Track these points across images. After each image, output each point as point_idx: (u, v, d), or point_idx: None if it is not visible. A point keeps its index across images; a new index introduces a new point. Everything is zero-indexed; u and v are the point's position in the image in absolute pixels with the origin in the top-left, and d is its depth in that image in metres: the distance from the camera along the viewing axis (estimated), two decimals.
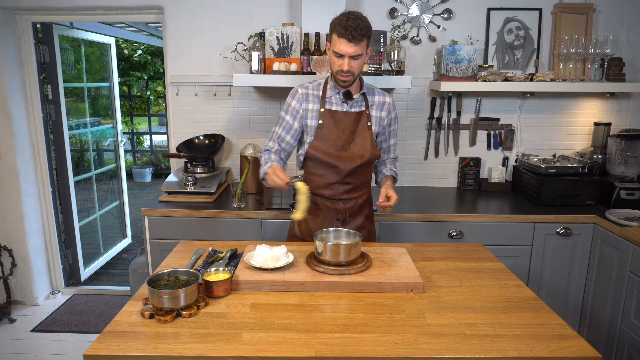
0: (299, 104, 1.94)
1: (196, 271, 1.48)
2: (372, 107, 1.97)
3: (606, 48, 2.63)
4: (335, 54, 1.79)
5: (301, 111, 1.94)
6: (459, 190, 2.98)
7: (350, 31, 1.71)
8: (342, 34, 1.73)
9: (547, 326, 1.33)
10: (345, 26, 1.72)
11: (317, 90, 1.95)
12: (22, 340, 2.90)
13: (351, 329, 1.30)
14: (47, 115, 3.30)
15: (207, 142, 2.92)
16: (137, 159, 8.54)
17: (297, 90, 1.96)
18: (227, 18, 2.86)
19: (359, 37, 1.73)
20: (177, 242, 1.97)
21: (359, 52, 1.76)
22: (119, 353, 1.18)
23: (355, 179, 1.96)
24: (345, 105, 1.92)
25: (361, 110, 1.94)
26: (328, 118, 1.91)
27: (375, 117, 1.97)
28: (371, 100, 1.98)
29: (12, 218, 3.15)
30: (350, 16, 1.73)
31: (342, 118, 1.92)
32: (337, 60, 1.79)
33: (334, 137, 1.90)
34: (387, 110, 2.01)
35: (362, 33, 1.73)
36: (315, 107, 1.93)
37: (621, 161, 2.61)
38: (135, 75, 7.94)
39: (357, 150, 1.92)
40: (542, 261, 2.49)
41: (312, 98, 1.94)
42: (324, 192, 1.96)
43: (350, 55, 1.76)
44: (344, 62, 1.77)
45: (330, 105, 1.93)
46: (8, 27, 2.98)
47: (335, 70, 1.83)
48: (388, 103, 2.01)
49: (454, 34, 2.86)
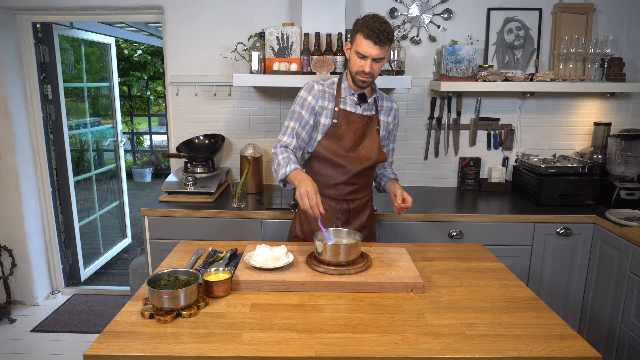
0: (315, 100, 1.89)
1: (196, 271, 1.48)
2: (381, 111, 1.99)
3: (606, 48, 2.63)
4: (358, 55, 1.77)
5: (317, 107, 1.90)
6: (459, 190, 2.98)
7: (377, 33, 1.71)
8: (369, 36, 1.72)
9: (547, 326, 1.33)
10: (372, 28, 1.71)
11: (331, 89, 1.93)
12: (22, 340, 2.90)
13: (351, 329, 1.30)
14: (47, 115, 3.30)
15: (207, 142, 2.92)
16: (137, 159, 8.54)
17: (313, 85, 1.92)
18: (227, 18, 2.86)
19: (385, 40, 1.73)
20: (177, 242, 1.97)
21: (382, 55, 1.76)
22: (119, 353, 1.18)
23: (361, 180, 1.98)
24: (358, 107, 1.92)
25: (372, 114, 1.96)
26: (342, 118, 1.90)
27: (383, 122, 2.00)
28: (380, 105, 1.99)
29: (12, 218, 3.15)
30: (377, 19, 1.74)
31: (355, 120, 1.91)
32: (359, 60, 1.78)
33: (345, 138, 1.91)
34: (394, 116, 2.04)
35: (388, 37, 1.74)
36: (330, 106, 1.91)
37: (621, 161, 2.61)
38: (135, 75, 7.94)
39: (364, 153, 1.93)
40: (542, 261, 2.49)
41: (327, 96, 1.92)
42: (329, 192, 1.96)
43: (374, 58, 1.76)
44: (366, 64, 1.77)
45: (345, 105, 1.92)
46: (8, 27, 2.98)
47: (354, 71, 1.82)
48: (395, 109, 2.05)
49: (454, 34, 2.86)
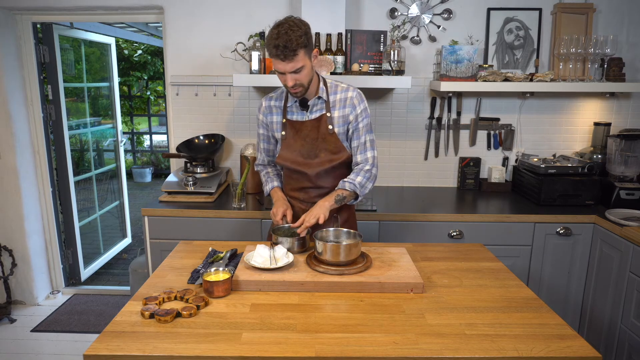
0: (264, 117, 1.97)
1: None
2: (333, 107, 1.86)
3: (606, 48, 2.63)
4: (277, 72, 1.73)
5: (268, 123, 1.97)
6: (459, 190, 2.98)
7: (280, 50, 1.63)
8: (273, 54, 1.66)
9: (547, 326, 1.33)
10: (275, 45, 1.63)
11: (279, 101, 1.93)
12: (22, 340, 2.90)
13: (351, 329, 1.30)
14: (47, 115, 3.30)
15: (207, 142, 2.92)
16: (137, 159, 8.53)
17: (261, 103, 1.98)
18: (227, 18, 2.86)
19: (292, 53, 1.64)
20: (177, 242, 1.97)
21: (298, 65, 1.68)
22: (119, 353, 1.18)
23: (329, 181, 1.93)
24: (304, 112, 1.88)
25: (321, 115, 1.86)
26: (289, 129, 1.91)
27: (337, 118, 1.86)
28: (333, 100, 1.86)
29: (12, 218, 3.15)
30: (280, 31, 1.63)
31: (301, 127, 1.89)
32: (280, 76, 1.74)
33: (299, 146, 1.89)
34: (351, 105, 1.85)
35: (293, 48, 1.63)
36: (278, 119, 1.94)
37: (621, 161, 2.61)
38: (135, 75, 7.94)
39: (324, 156, 1.88)
40: (542, 261, 2.49)
41: (274, 110, 1.94)
42: (298, 195, 1.97)
43: (290, 71, 1.69)
44: (287, 78, 1.72)
45: (292, 114, 1.91)
46: (8, 27, 2.98)
47: (283, 86, 1.80)
48: (350, 97, 1.85)
49: (454, 34, 2.86)
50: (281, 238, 1.73)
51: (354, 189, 1.84)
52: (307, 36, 1.69)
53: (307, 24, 1.72)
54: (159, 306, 1.39)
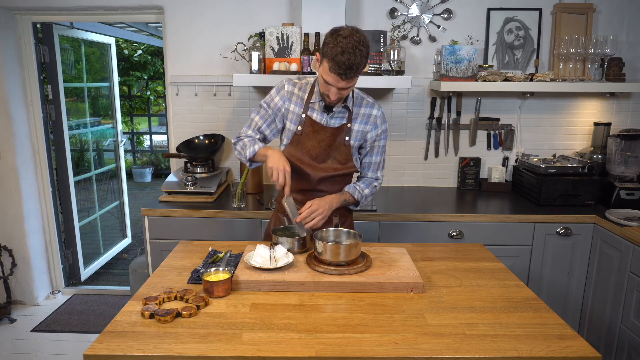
0: (282, 101, 1.83)
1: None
2: (355, 119, 1.83)
3: (606, 48, 2.63)
4: (324, 79, 1.64)
5: (283, 110, 1.83)
6: (459, 190, 2.98)
7: (343, 69, 1.55)
8: (333, 69, 1.57)
9: (547, 326, 1.33)
10: (339, 62, 1.54)
11: (303, 92, 1.82)
12: (22, 340, 2.90)
13: (351, 329, 1.30)
14: (47, 115, 3.30)
15: (207, 142, 2.92)
16: (137, 159, 8.54)
17: (283, 85, 1.84)
18: (227, 18, 2.86)
19: (353, 74, 1.58)
20: (177, 242, 1.97)
21: (350, 84, 1.63)
22: (119, 353, 1.18)
23: (329, 187, 1.89)
24: (324, 114, 1.81)
25: (342, 124, 1.82)
26: (308, 126, 1.81)
27: (355, 131, 1.83)
28: (356, 112, 1.83)
29: (12, 218, 3.15)
30: (346, 47, 1.53)
31: (320, 130, 1.81)
32: (324, 84, 1.66)
33: (309, 147, 1.82)
34: (374, 124, 1.85)
35: (355, 71, 1.57)
36: (297, 110, 1.82)
37: (621, 161, 2.61)
38: (135, 75, 7.94)
39: (331, 163, 1.85)
40: (542, 261, 2.49)
41: (295, 99, 1.82)
42: (296, 196, 1.91)
43: (339, 88, 1.63)
44: (331, 91, 1.65)
45: (312, 112, 1.81)
46: (8, 27, 2.98)
47: (322, 90, 1.71)
48: (375, 116, 1.84)
49: (454, 34, 2.86)
50: (281, 238, 1.73)
51: (360, 199, 1.91)
52: (366, 61, 1.61)
53: (367, 38, 1.62)
54: (159, 306, 1.39)
